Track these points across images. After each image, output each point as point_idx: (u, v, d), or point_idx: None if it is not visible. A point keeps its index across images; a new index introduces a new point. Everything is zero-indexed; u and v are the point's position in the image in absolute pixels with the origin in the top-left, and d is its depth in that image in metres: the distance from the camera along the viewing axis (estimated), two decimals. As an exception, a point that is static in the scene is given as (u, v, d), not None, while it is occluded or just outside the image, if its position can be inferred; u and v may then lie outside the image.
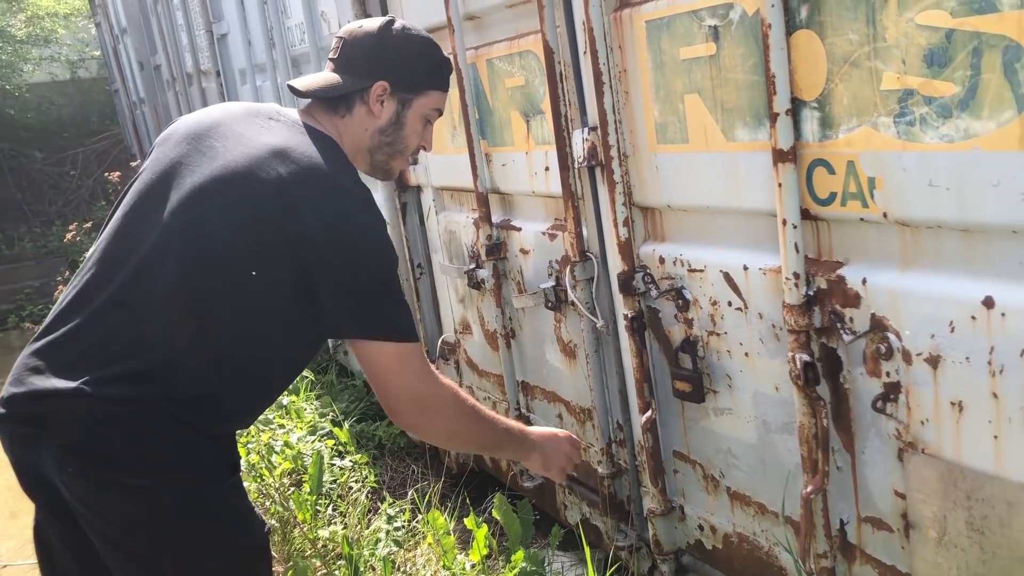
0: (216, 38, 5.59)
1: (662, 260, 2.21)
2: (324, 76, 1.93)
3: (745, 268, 1.97)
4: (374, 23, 1.93)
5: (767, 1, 1.69)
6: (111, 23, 9.02)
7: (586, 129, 2.30)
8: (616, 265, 2.31)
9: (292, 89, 1.93)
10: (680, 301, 2.17)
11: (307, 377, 4.75)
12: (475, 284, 3.02)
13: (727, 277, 2.02)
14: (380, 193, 3.51)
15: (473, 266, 3.04)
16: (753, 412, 2.08)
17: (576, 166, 2.37)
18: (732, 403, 2.13)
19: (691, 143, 2.02)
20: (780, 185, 1.76)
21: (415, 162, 1.94)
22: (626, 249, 2.26)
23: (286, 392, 4.53)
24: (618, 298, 2.36)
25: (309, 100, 1.93)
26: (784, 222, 1.77)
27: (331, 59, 1.95)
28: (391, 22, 1.93)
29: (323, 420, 4.27)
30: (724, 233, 2.04)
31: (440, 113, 1.99)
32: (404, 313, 1.74)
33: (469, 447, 2.43)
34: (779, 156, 1.75)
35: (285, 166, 1.67)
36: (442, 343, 3.53)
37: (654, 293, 2.22)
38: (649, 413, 2.35)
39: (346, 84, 1.89)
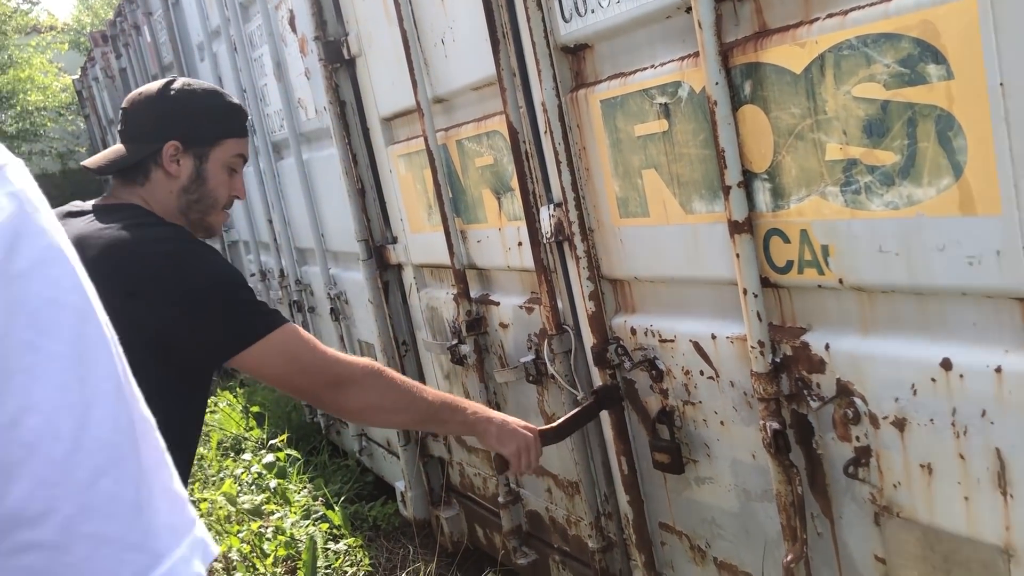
0: (200, 127, 5.68)
1: (634, 331, 2.22)
2: (113, 150, 1.93)
3: (713, 337, 1.98)
4: (154, 86, 1.93)
5: (711, 79, 1.73)
6: (99, 115, 9.18)
7: (551, 205, 2.33)
8: (588, 338, 2.32)
9: (86, 168, 1.94)
10: (654, 372, 2.18)
11: (299, 459, 4.73)
12: (458, 360, 3.03)
13: (697, 346, 2.04)
14: (361, 272, 3.55)
15: (455, 342, 3.05)
16: (733, 481, 2.07)
17: (544, 241, 2.40)
18: (712, 472, 2.12)
19: (652, 216, 2.05)
20: (738, 256, 1.78)
21: (227, 214, 2.01)
22: (596, 322, 2.27)
23: (273, 476, 4.50)
24: (595, 370, 2.37)
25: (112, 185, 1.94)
26: (745, 291, 1.79)
27: (119, 132, 1.95)
28: (171, 81, 1.94)
29: (316, 503, 4.24)
30: (691, 303, 2.06)
31: (244, 159, 2.00)
32: (259, 310, 1.79)
33: (408, 421, 2.17)
34: (735, 227, 1.77)
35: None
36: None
37: (627, 365, 2.22)
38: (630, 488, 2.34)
39: (134, 152, 1.89)
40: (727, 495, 2.10)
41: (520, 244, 2.61)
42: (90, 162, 1.95)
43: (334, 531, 3.99)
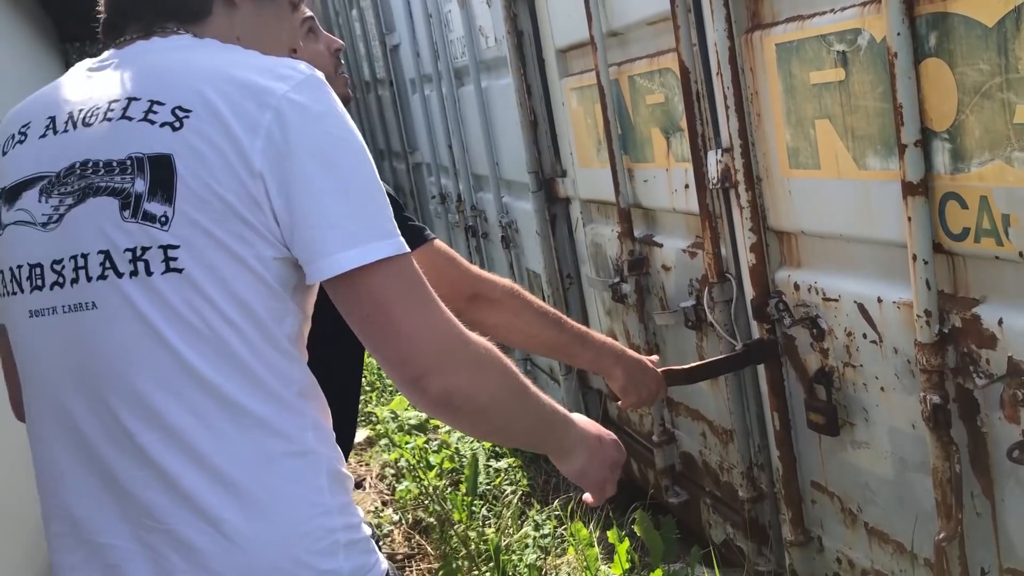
0: (388, 49, 5.84)
1: (797, 287, 2.15)
2: None
3: (879, 300, 1.89)
4: None
5: (893, 28, 1.61)
6: None
7: (719, 151, 2.26)
8: (749, 290, 2.26)
9: None
10: (815, 330, 2.10)
11: None
12: (619, 298, 3.04)
13: (861, 308, 1.95)
14: (530, 204, 3.59)
15: (617, 280, 3.05)
16: (890, 448, 1.99)
17: (710, 187, 2.34)
18: (869, 437, 2.05)
19: (823, 169, 1.96)
20: (910, 219, 1.68)
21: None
22: (758, 274, 2.21)
23: None
24: (754, 322, 2.32)
25: None
26: (915, 257, 1.69)
27: None
28: None
29: None
30: (858, 262, 1.96)
31: (312, 19, 1.65)
32: None
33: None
34: (908, 189, 1.67)
35: None
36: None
37: (787, 321, 2.16)
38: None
39: None
40: (883, 462, 2.02)
41: (687, 187, 2.55)
42: None
43: (496, 449, 4.14)
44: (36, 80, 7.03)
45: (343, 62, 1.62)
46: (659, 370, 1.98)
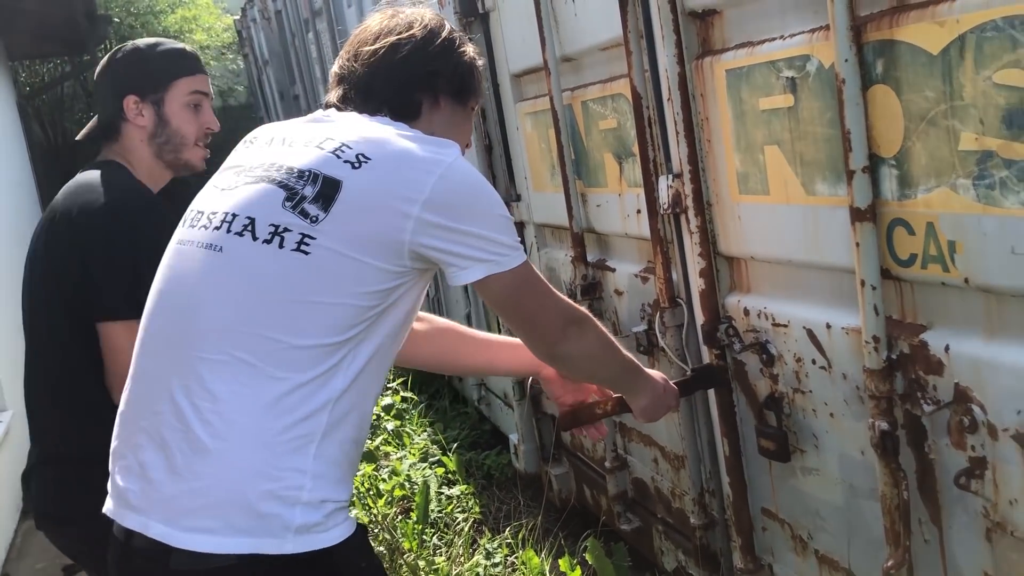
0: (344, 72, 5.82)
1: (747, 312, 2.14)
2: (91, 122, 2.19)
3: (828, 326, 1.89)
4: (107, 57, 2.16)
5: (841, 55, 1.62)
6: (256, 55, 9.52)
7: (670, 176, 2.26)
8: (699, 315, 2.26)
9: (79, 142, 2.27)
10: (765, 356, 2.10)
11: (421, 403, 4.85)
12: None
13: (810, 334, 1.95)
14: None
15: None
16: (839, 475, 1.98)
17: (661, 212, 2.33)
18: (819, 464, 2.04)
19: (772, 194, 1.96)
20: (858, 245, 1.68)
21: (206, 146, 2.19)
22: (708, 299, 2.20)
23: (393, 419, 4.65)
24: (705, 347, 2.31)
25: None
26: (863, 283, 1.69)
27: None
28: (119, 49, 2.15)
29: (433, 447, 4.35)
30: (807, 288, 1.97)
31: (203, 94, 2.15)
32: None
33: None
34: (856, 215, 1.67)
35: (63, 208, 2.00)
36: (532, 382, 3.52)
37: (737, 347, 2.15)
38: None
39: (102, 115, 2.13)
40: (833, 489, 2.02)
41: (639, 212, 2.55)
42: (80, 136, 2.23)
43: (449, 476, 4.09)
44: None
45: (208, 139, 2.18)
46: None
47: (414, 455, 4.30)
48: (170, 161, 2.13)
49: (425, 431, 4.65)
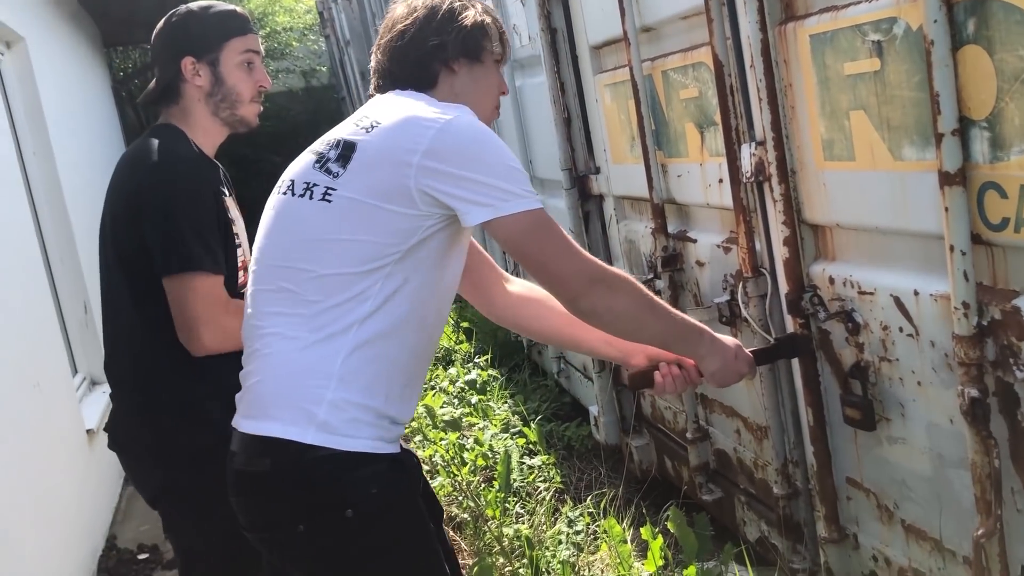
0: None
1: (832, 280, 2.12)
2: (150, 85, 2.30)
3: (916, 293, 1.86)
4: (162, 20, 2.27)
5: (929, 16, 1.59)
6: (337, 36, 9.63)
7: (753, 144, 2.25)
8: (783, 285, 2.24)
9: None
10: (850, 324, 2.08)
11: (500, 377, 4.89)
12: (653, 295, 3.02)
13: (897, 302, 1.92)
14: (563, 201, 3.58)
15: (651, 276, 3.04)
16: (927, 444, 1.96)
17: (744, 180, 2.32)
18: (905, 433, 2.02)
19: (858, 161, 1.93)
20: (947, 209, 1.65)
21: (260, 103, 2.33)
22: (792, 268, 2.19)
23: (475, 392, 4.71)
24: (789, 317, 2.29)
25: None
26: (952, 248, 1.67)
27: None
28: (173, 13, 2.25)
29: (514, 419, 4.39)
30: (894, 255, 1.94)
31: (255, 53, 2.28)
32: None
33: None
34: (945, 179, 1.64)
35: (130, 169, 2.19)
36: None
37: (822, 315, 2.14)
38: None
39: (161, 78, 2.24)
40: (920, 458, 1.99)
41: (720, 181, 2.54)
42: (140, 100, 2.40)
43: (530, 447, 4.14)
44: (86, 81, 7.26)
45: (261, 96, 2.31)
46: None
47: (495, 426, 4.36)
48: (226, 118, 2.26)
49: (506, 403, 4.71)
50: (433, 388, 5.01)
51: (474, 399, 4.65)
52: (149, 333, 2.13)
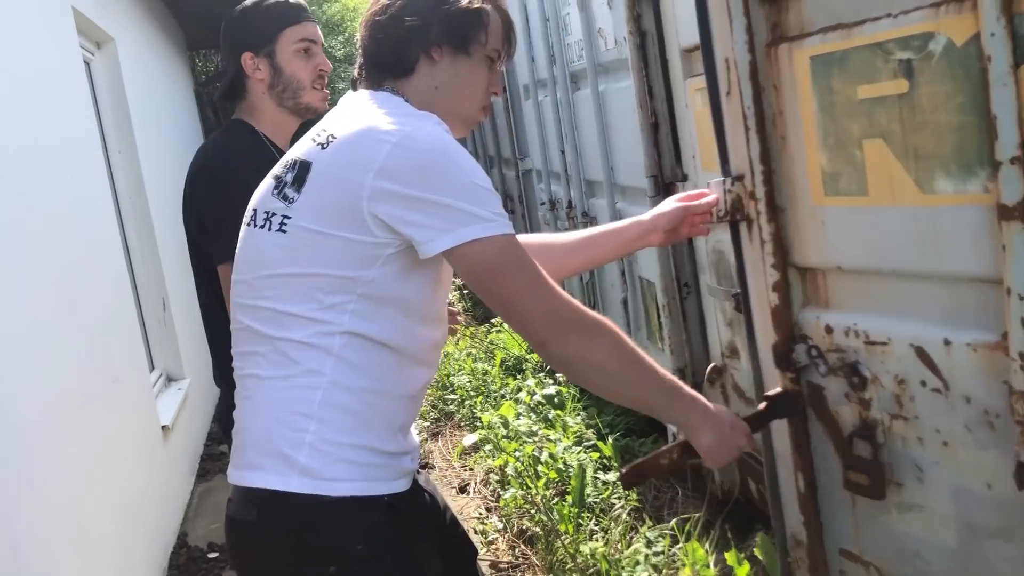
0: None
1: (829, 329, 1.90)
2: (222, 83, 2.35)
3: (947, 343, 1.66)
4: (223, 24, 2.32)
5: (987, 29, 1.40)
6: None
7: (729, 179, 2.02)
8: (768, 334, 2.01)
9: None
10: (855, 378, 1.86)
11: (572, 392, 4.68)
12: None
13: (920, 352, 1.71)
14: (647, 209, 3.23)
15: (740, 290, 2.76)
16: (953, 511, 1.75)
17: (714, 220, 2.08)
18: (923, 499, 1.81)
19: (871, 195, 1.73)
20: (1004, 247, 1.46)
21: (322, 87, 2.34)
22: (780, 316, 1.95)
23: (552, 407, 4.62)
24: (770, 372, 2.05)
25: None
26: (1009, 292, 1.47)
27: None
28: (234, 9, 2.30)
29: (588, 432, 4.18)
30: (915, 300, 1.73)
31: (311, 41, 2.29)
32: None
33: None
34: (1004, 213, 1.45)
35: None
36: (711, 370, 3.22)
37: (822, 369, 1.91)
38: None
39: (227, 75, 2.30)
40: (942, 527, 1.78)
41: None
42: (216, 97, 2.50)
43: (604, 462, 3.86)
44: (170, 82, 7.61)
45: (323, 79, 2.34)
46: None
47: (568, 439, 4.11)
48: (292, 107, 2.29)
49: (579, 415, 4.43)
50: (504, 397, 4.98)
51: (551, 414, 4.44)
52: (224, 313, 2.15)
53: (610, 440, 3.95)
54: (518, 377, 5.37)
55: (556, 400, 4.68)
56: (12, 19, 3.08)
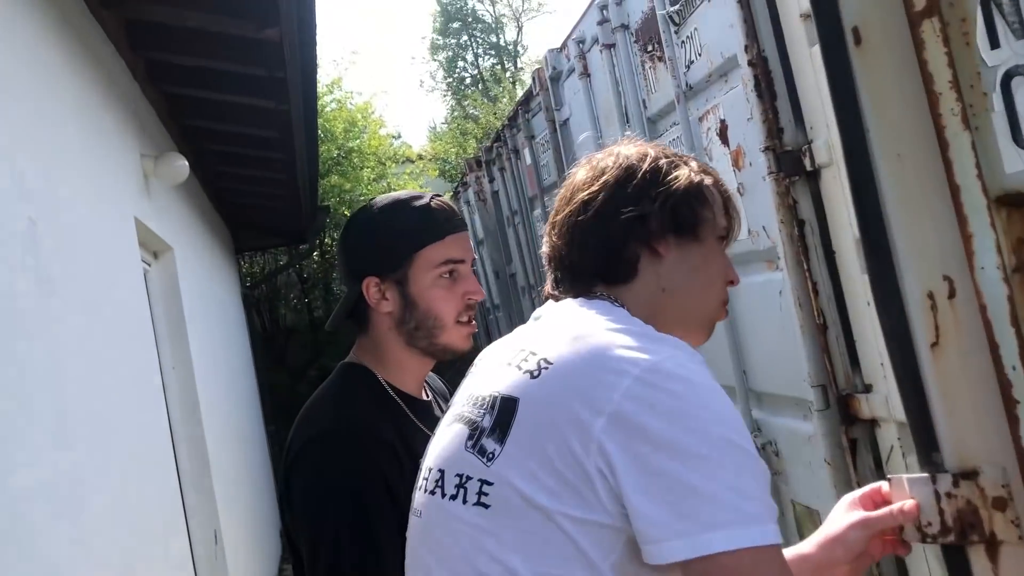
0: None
1: None
2: (337, 307, 1.84)
3: None
4: (343, 230, 1.84)
5: None
6: (473, 233, 9.58)
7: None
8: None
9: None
10: None
11: None
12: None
13: None
14: (814, 424, 2.80)
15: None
16: None
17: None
18: None
19: None
20: None
21: (469, 320, 1.73)
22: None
23: None
24: None
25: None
26: None
27: None
28: (361, 209, 1.81)
29: None
30: None
31: (457, 260, 1.73)
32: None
33: None
34: None
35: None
36: None
37: None
38: None
39: (346, 301, 1.77)
40: None
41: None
42: (328, 325, 1.93)
43: None
44: (222, 288, 7.51)
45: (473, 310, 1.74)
46: None
47: None
48: (425, 348, 1.73)
49: None
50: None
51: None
52: None
53: None
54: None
55: None
56: (77, 233, 2.84)
